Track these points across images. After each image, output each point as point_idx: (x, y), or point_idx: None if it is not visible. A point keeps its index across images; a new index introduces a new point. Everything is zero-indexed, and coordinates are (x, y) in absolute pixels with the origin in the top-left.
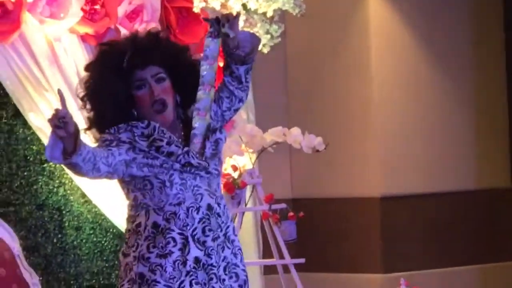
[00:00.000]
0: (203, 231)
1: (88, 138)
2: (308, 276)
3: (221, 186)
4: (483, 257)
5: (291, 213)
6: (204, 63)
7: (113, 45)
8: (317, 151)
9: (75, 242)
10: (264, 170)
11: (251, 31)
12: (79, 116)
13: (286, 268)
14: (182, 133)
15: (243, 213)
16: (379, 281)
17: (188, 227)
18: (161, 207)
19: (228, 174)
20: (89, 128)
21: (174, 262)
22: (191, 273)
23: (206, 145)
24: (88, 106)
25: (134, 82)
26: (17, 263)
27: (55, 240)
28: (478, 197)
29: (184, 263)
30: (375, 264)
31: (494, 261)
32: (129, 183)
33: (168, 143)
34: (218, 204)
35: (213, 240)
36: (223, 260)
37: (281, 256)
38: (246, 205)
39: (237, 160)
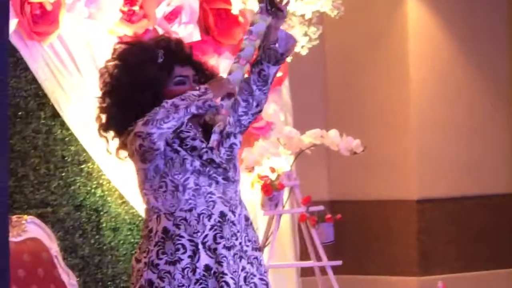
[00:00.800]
0: (214, 239)
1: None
2: (345, 278)
3: (239, 193)
4: None
5: (328, 215)
6: (246, 38)
7: (141, 41)
8: (355, 153)
9: (112, 243)
10: (302, 172)
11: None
12: None
13: (323, 271)
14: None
15: (281, 215)
16: (416, 283)
17: (199, 234)
18: (171, 212)
19: (266, 176)
20: (106, 129)
21: (183, 270)
22: (200, 281)
23: (220, 151)
24: (109, 101)
25: (174, 77)
26: (55, 263)
27: (92, 241)
28: None
29: (194, 271)
30: (412, 267)
31: None
32: (147, 182)
33: (193, 138)
34: (233, 212)
35: (227, 248)
36: (242, 270)
37: (319, 258)
38: (283, 207)
39: (275, 162)
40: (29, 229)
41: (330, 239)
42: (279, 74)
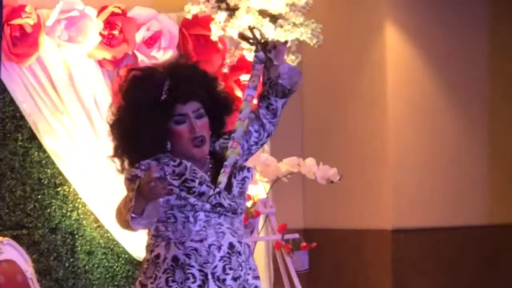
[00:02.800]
0: (224, 270)
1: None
2: None
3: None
4: None
5: (303, 244)
6: (238, 118)
7: (149, 73)
8: (332, 182)
9: (87, 267)
10: (278, 200)
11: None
12: (96, 143)
13: None
14: (210, 166)
15: (256, 242)
16: None
17: (209, 265)
18: (182, 242)
19: None
20: (114, 156)
21: None
22: None
23: (233, 184)
24: (116, 133)
25: (174, 116)
26: (30, 286)
27: (67, 264)
28: (490, 232)
29: None
30: None
31: None
32: None
33: (200, 183)
34: (240, 243)
35: (234, 279)
36: None
37: (293, 286)
38: (258, 234)
39: (251, 189)
40: (4, 250)
41: (305, 267)
42: (254, 101)
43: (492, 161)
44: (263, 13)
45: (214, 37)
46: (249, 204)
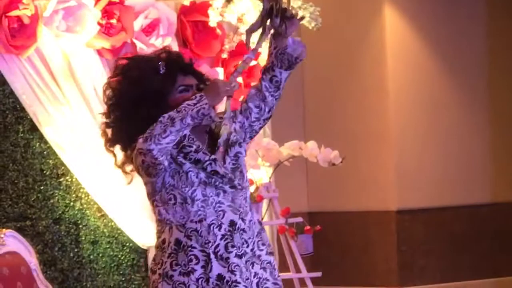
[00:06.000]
0: (226, 248)
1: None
2: None
3: (249, 199)
4: (499, 270)
5: (307, 227)
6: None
7: (143, 55)
8: (333, 164)
9: (91, 256)
10: (280, 184)
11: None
12: (96, 132)
13: (302, 282)
14: (207, 141)
15: (258, 222)
16: None
17: (210, 244)
18: (182, 224)
19: None
20: (113, 144)
21: (197, 280)
22: None
23: (226, 160)
24: (114, 115)
25: (177, 86)
26: (34, 277)
27: (71, 254)
28: (494, 211)
29: (207, 281)
30: (391, 278)
31: (510, 275)
32: (156, 194)
33: (196, 151)
34: (243, 220)
35: (238, 256)
36: (254, 277)
37: (298, 270)
38: (262, 219)
39: (254, 174)
40: (8, 242)
41: (309, 250)
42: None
43: (494, 139)
44: None
45: (212, 23)
46: (252, 189)
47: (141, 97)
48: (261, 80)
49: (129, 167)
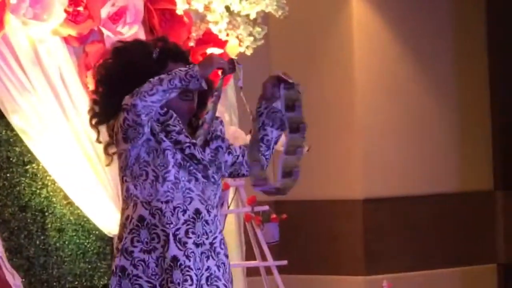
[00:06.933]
0: (186, 233)
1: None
2: (291, 278)
3: (218, 198)
4: (464, 259)
5: (273, 215)
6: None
7: (138, 40)
8: None
9: (57, 244)
10: None
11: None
12: (63, 120)
13: (268, 270)
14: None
15: (226, 215)
16: (362, 283)
17: (172, 226)
18: (148, 202)
19: None
20: (99, 120)
21: (157, 259)
22: (167, 270)
23: (206, 150)
24: (102, 90)
25: (168, 70)
26: (0, 264)
27: (37, 242)
28: (460, 200)
29: (163, 260)
30: (357, 266)
31: (476, 264)
32: (128, 168)
33: (179, 132)
34: (208, 212)
35: (196, 245)
36: (206, 270)
37: (264, 258)
38: (229, 207)
39: None
40: None
41: (276, 239)
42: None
43: (461, 128)
44: None
45: (179, 11)
46: (230, 194)
47: (129, 74)
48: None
49: (112, 149)
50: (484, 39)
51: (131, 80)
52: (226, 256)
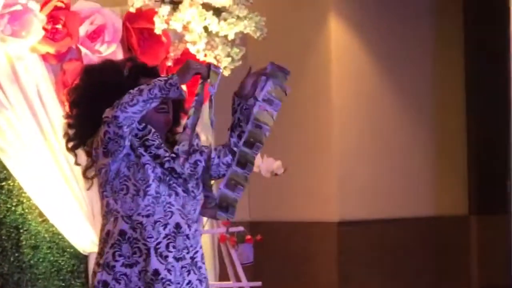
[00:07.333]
0: (167, 247)
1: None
2: None
3: (198, 213)
4: (438, 283)
5: (248, 236)
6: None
7: (108, 61)
8: (276, 174)
9: (32, 261)
10: None
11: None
12: (40, 137)
13: None
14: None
15: (201, 235)
16: None
17: (152, 240)
18: (129, 216)
19: None
20: (75, 143)
21: (139, 272)
22: (149, 284)
23: (185, 165)
24: (76, 111)
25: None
26: None
27: (12, 259)
28: (435, 224)
29: (145, 274)
30: None
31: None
32: (108, 184)
33: (158, 147)
34: (189, 227)
35: (177, 259)
36: (187, 284)
37: (238, 279)
38: (203, 227)
39: None
40: None
41: (250, 260)
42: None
43: (438, 152)
44: (207, 6)
45: (157, 30)
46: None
47: (102, 92)
48: (229, 137)
49: (91, 173)
50: (462, 64)
51: (104, 99)
52: (206, 270)
